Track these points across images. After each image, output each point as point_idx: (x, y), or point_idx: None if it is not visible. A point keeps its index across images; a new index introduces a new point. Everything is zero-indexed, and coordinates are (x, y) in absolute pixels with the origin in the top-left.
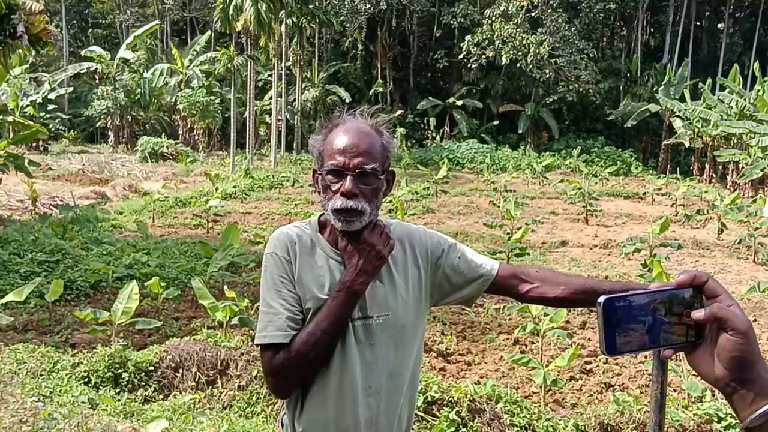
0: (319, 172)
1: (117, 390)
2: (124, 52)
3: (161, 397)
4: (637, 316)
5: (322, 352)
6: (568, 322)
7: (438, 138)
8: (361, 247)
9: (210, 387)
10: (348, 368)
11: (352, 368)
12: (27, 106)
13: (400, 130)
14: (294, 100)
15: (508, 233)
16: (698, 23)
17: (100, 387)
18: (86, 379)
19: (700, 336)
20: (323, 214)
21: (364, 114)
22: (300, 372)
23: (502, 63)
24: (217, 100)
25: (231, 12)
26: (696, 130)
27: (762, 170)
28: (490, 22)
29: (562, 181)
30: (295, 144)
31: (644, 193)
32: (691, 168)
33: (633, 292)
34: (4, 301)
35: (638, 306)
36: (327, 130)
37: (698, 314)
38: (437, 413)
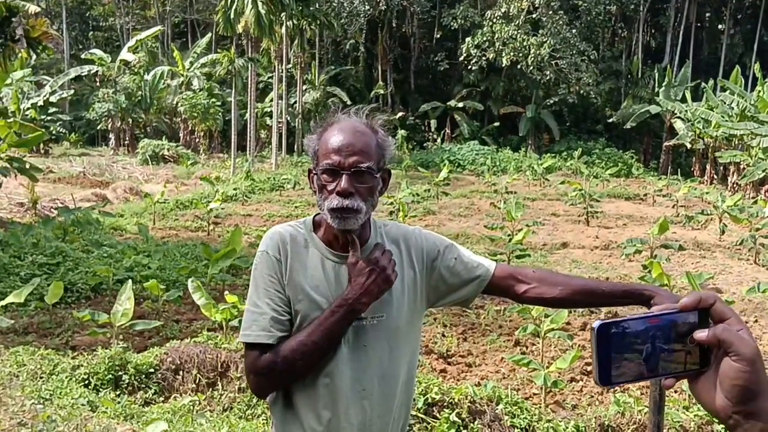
0: (314, 171)
1: (117, 392)
2: (125, 55)
3: (161, 399)
4: (633, 344)
5: (310, 362)
6: (568, 323)
7: (439, 140)
8: (371, 268)
9: (210, 389)
10: (339, 371)
11: (343, 371)
12: (28, 108)
13: (401, 132)
14: (295, 102)
15: (509, 235)
16: (699, 24)
17: (100, 389)
18: (86, 382)
19: (705, 363)
20: (318, 213)
21: (359, 112)
22: (285, 376)
23: (503, 65)
24: (218, 103)
25: (232, 15)
26: (697, 131)
27: (763, 171)
28: (490, 23)
29: (563, 182)
30: (295, 146)
31: (645, 195)
32: (692, 169)
33: (630, 316)
34: (4, 303)
35: (634, 333)
36: (322, 129)
37: (701, 335)
38: (438, 415)
